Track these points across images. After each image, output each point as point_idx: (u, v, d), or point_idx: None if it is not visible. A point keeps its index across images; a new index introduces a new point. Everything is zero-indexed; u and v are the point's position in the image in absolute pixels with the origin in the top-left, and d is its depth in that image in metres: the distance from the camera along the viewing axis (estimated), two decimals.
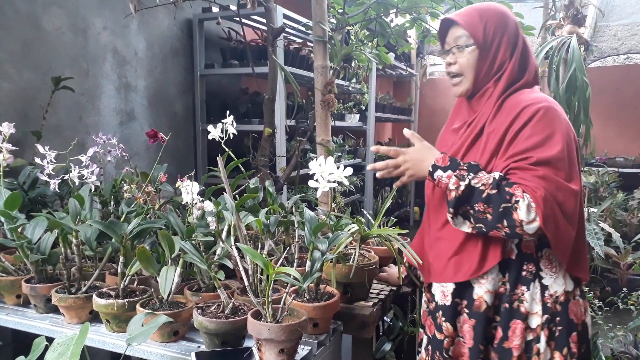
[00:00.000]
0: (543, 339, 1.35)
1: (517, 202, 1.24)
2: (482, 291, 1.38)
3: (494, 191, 1.26)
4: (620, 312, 2.89)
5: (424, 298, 1.61)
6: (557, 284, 1.37)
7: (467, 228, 1.33)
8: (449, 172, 1.33)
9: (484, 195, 1.27)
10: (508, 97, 1.39)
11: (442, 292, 1.45)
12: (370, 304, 1.63)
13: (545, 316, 1.35)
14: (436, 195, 1.47)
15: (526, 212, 1.23)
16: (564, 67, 2.89)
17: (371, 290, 1.72)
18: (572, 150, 1.31)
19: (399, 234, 1.52)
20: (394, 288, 1.83)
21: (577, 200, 1.30)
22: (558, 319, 1.35)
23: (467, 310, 1.41)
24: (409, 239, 1.77)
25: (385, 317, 2.00)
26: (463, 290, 1.42)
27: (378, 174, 1.46)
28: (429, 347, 1.49)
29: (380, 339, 2.00)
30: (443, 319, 1.44)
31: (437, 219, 1.48)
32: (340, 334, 1.54)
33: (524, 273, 1.37)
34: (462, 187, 1.29)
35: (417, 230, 1.70)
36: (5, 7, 2.13)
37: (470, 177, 1.30)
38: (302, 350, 1.30)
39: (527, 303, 1.36)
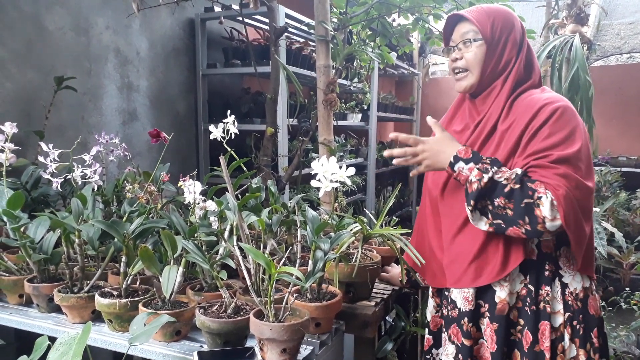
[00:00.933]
0: (567, 336, 1.35)
1: (539, 198, 1.23)
2: (504, 294, 1.37)
3: (517, 186, 1.25)
4: (623, 311, 2.89)
5: (431, 302, 1.59)
6: (575, 281, 1.37)
7: (483, 225, 1.32)
8: (471, 164, 1.31)
9: (507, 189, 1.26)
10: (518, 96, 1.39)
11: (465, 298, 1.42)
12: (373, 303, 1.63)
13: (567, 314, 1.35)
14: (448, 195, 1.46)
15: (549, 209, 1.22)
16: (566, 66, 2.89)
17: (373, 290, 1.72)
18: (588, 148, 1.32)
19: (401, 234, 1.51)
20: (396, 288, 1.83)
21: (592, 197, 1.31)
22: (580, 316, 1.36)
23: (489, 314, 1.40)
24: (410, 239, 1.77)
25: (387, 317, 2.00)
26: (484, 293, 1.40)
27: (395, 161, 1.44)
28: (460, 355, 1.44)
29: (382, 339, 2.00)
30: (470, 324, 1.42)
31: (454, 221, 1.45)
32: (343, 333, 1.54)
33: (546, 273, 1.37)
34: (485, 179, 1.27)
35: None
36: (9, 7, 2.13)
37: (493, 170, 1.28)
38: (305, 350, 1.30)
39: (550, 303, 1.36)
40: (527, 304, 1.37)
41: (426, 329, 1.61)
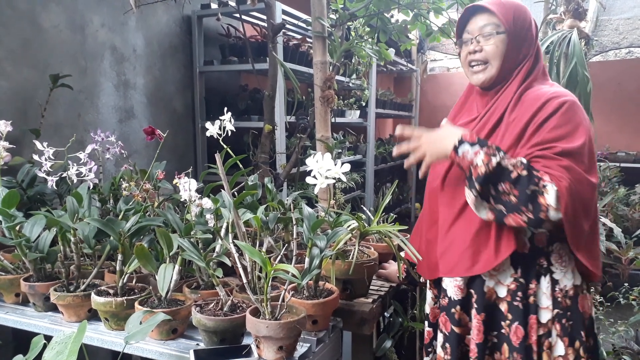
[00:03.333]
0: (555, 333, 1.35)
1: (545, 186, 1.23)
2: (492, 283, 1.39)
3: (525, 173, 1.24)
4: (622, 307, 2.88)
5: (429, 294, 1.59)
6: (567, 279, 1.37)
7: (484, 211, 1.31)
8: (477, 147, 1.29)
9: (514, 175, 1.25)
10: (526, 89, 1.39)
11: (457, 286, 1.44)
12: (370, 300, 1.63)
13: (556, 310, 1.35)
14: (448, 185, 1.46)
15: (555, 198, 1.21)
16: (564, 61, 2.88)
17: (371, 287, 1.71)
18: (592, 144, 1.32)
19: (399, 230, 1.51)
20: (394, 284, 1.83)
21: (595, 192, 1.30)
22: (569, 313, 1.35)
23: (476, 305, 1.41)
24: (408, 235, 1.76)
25: (385, 314, 2.00)
26: (473, 282, 1.42)
27: (406, 164, 1.42)
28: (447, 344, 1.46)
29: (380, 336, 1.99)
30: (462, 312, 1.43)
31: (450, 210, 1.45)
32: (340, 330, 1.54)
33: (537, 267, 1.37)
34: (493, 163, 1.26)
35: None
36: (3, 4, 2.12)
37: (501, 154, 1.27)
38: (301, 348, 1.30)
39: (539, 297, 1.36)
40: (518, 298, 1.37)
41: (426, 322, 1.62)
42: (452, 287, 1.45)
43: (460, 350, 1.44)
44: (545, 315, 1.36)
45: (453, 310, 1.44)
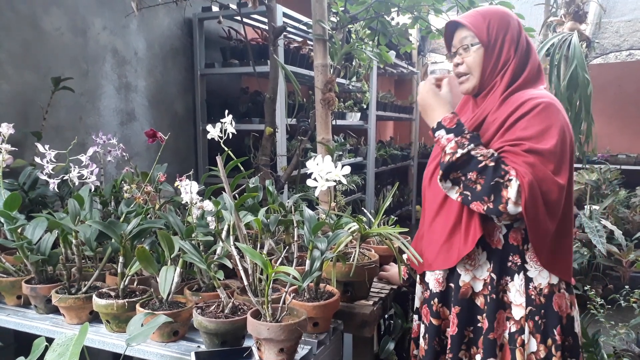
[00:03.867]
0: (527, 330, 1.39)
1: (509, 180, 1.27)
2: (468, 278, 1.45)
3: (492, 164, 1.30)
4: (623, 309, 2.88)
5: (419, 289, 1.65)
6: (541, 277, 1.40)
7: (454, 193, 1.37)
8: (451, 135, 1.36)
9: (481, 165, 1.30)
10: (513, 93, 1.42)
11: (436, 279, 1.52)
12: (371, 302, 1.63)
13: (529, 308, 1.39)
14: (434, 182, 1.51)
15: (516, 192, 1.26)
16: (565, 64, 2.89)
17: (372, 289, 1.72)
18: (565, 146, 1.34)
19: (399, 233, 1.51)
20: (395, 287, 1.83)
21: (561, 193, 1.32)
22: (543, 311, 1.39)
23: (453, 298, 1.47)
24: (409, 238, 1.77)
25: (386, 316, 2.00)
26: (451, 276, 1.49)
27: None
28: (427, 335, 1.53)
29: (383, 339, 1.99)
30: (440, 304, 1.50)
31: (432, 205, 1.53)
32: (341, 333, 1.54)
33: (509, 264, 1.42)
34: (458, 154, 1.33)
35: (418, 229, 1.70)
36: (5, 8, 2.13)
37: (470, 147, 1.33)
38: (302, 350, 1.30)
39: (511, 294, 1.41)
40: (489, 291, 1.43)
41: (415, 316, 1.66)
42: (433, 280, 1.53)
43: (439, 342, 1.51)
44: (518, 312, 1.40)
45: (432, 302, 1.52)
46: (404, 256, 1.69)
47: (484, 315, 1.43)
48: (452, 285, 1.48)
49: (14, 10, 2.16)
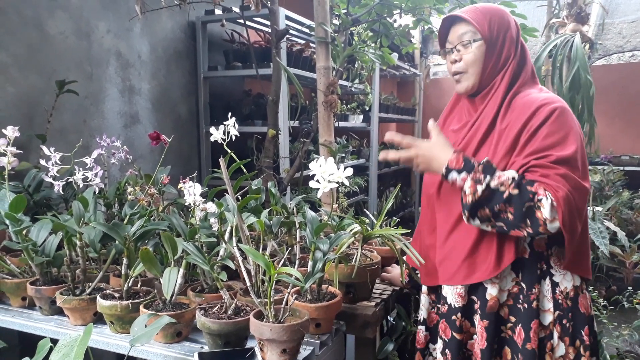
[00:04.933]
0: (556, 335, 1.36)
1: (540, 200, 1.24)
2: (495, 291, 1.39)
3: (516, 191, 1.26)
4: (626, 311, 2.88)
5: (426, 299, 1.60)
6: (566, 280, 1.38)
7: (487, 227, 1.32)
8: (464, 174, 1.32)
9: (505, 195, 1.26)
10: (515, 95, 1.39)
11: (458, 294, 1.44)
12: (373, 304, 1.64)
13: (557, 312, 1.37)
14: (444, 193, 1.47)
15: (550, 211, 1.22)
16: (567, 65, 2.89)
17: (374, 290, 1.72)
18: (583, 150, 1.33)
19: (401, 234, 1.52)
20: (397, 288, 1.83)
21: (587, 198, 1.31)
22: (570, 314, 1.37)
23: (480, 311, 1.41)
24: (411, 239, 1.77)
25: (388, 317, 2.00)
26: (475, 289, 1.42)
27: (380, 157, 1.46)
28: (447, 350, 1.46)
29: (383, 340, 2.00)
30: (463, 319, 1.44)
31: (447, 218, 1.46)
32: (343, 334, 1.54)
33: (537, 272, 1.38)
34: (479, 192, 1.28)
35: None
36: (10, 11, 2.15)
37: (487, 179, 1.28)
38: (305, 351, 1.31)
39: (540, 301, 1.38)
40: (520, 301, 1.38)
41: (422, 326, 1.62)
42: (453, 294, 1.46)
43: (461, 356, 1.45)
44: (547, 318, 1.38)
45: (454, 317, 1.45)
46: (405, 257, 1.69)
47: (509, 325, 1.40)
48: (474, 298, 1.43)
49: (19, 14, 2.18)
